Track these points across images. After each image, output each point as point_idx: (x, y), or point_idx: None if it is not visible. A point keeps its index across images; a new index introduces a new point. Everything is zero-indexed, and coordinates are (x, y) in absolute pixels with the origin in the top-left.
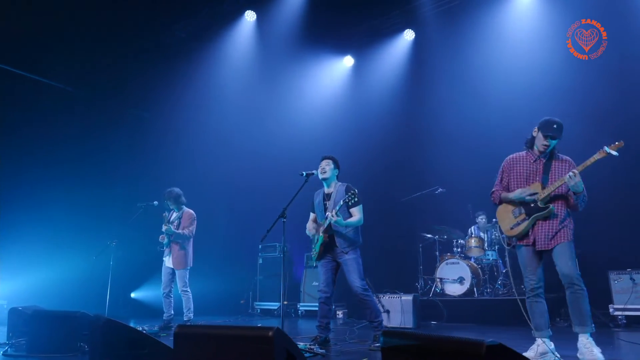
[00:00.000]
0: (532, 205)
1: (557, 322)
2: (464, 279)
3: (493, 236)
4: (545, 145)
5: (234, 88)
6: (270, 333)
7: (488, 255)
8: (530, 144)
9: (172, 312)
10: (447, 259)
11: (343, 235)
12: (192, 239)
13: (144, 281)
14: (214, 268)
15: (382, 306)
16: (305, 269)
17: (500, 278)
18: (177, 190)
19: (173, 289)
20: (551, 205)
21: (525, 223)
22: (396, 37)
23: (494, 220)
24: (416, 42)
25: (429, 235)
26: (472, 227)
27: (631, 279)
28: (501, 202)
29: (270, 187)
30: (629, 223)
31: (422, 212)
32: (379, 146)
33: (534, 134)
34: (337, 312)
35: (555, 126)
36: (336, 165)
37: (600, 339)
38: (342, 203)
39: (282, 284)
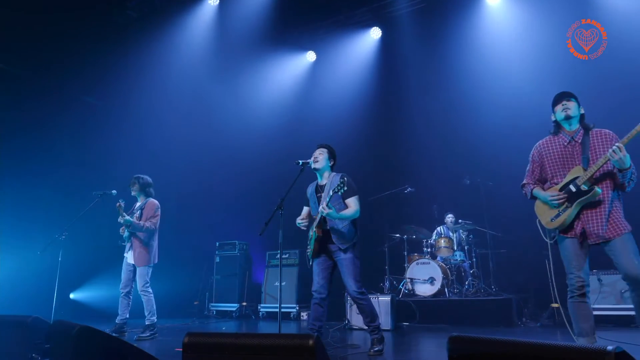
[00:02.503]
0: (575, 190)
1: (524, 322)
2: (435, 280)
3: (461, 236)
4: (567, 108)
5: (191, 76)
6: (311, 342)
7: (456, 255)
8: (556, 128)
9: (128, 316)
10: (417, 259)
11: (338, 230)
12: (156, 233)
13: (88, 279)
14: (165, 267)
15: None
16: (267, 269)
17: (469, 278)
18: (147, 178)
19: (133, 289)
20: (596, 187)
21: (568, 211)
22: (362, 34)
23: (460, 221)
24: (383, 41)
25: (396, 235)
26: (440, 227)
27: (598, 279)
28: (532, 197)
29: (229, 182)
30: None
31: (390, 211)
32: (344, 143)
33: (553, 117)
34: (302, 314)
35: (563, 92)
36: (331, 155)
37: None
38: (331, 193)
39: (281, 285)
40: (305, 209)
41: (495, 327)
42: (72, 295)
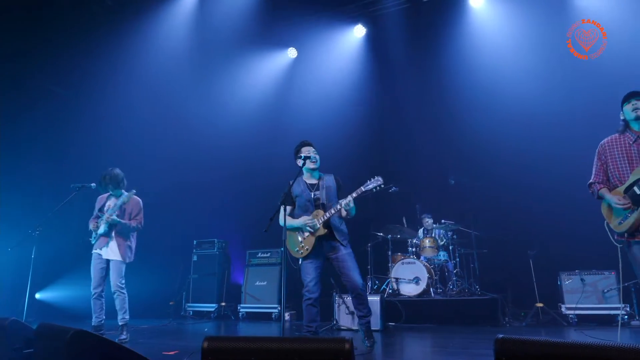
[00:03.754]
0: (639, 192)
1: (508, 321)
2: (420, 279)
3: (442, 236)
4: (637, 108)
5: (169, 71)
6: (347, 346)
7: (440, 255)
8: (623, 127)
9: (104, 317)
10: (402, 259)
11: (339, 228)
12: (137, 230)
13: (55, 278)
14: (138, 265)
15: (347, 307)
16: (247, 268)
17: (454, 278)
18: (120, 171)
19: (106, 288)
20: None
21: (635, 215)
22: (346, 32)
23: (443, 221)
24: (368, 39)
25: (380, 234)
26: (423, 228)
27: (581, 279)
28: (599, 197)
29: (208, 179)
30: (580, 226)
31: (373, 210)
32: (326, 141)
33: (621, 115)
34: (284, 315)
35: (634, 90)
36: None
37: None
38: (364, 189)
39: (282, 284)
40: (289, 209)
41: (482, 327)
42: (37, 295)
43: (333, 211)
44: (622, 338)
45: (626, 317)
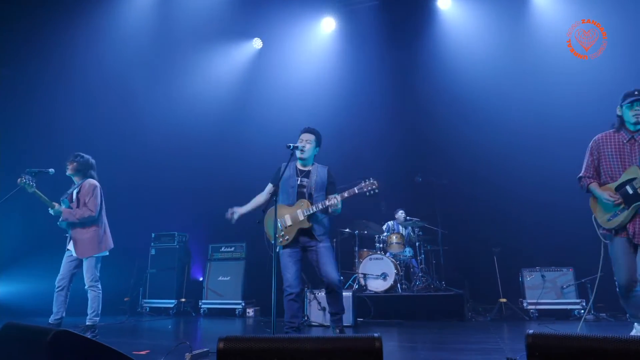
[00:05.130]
0: (632, 192)
1: (472, 316)
2: (387, 275)
3: (411, 233)
4: (637, 113)
5: (126, 60)
6: (378, 344)
7: (406, 252)
8: (619, 124)
9: (64, 314)
10: (371, 254)
11: (321, 221)
12: (102, 218)
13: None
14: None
15: (319, 303)
16: (209, 262)
17: (421, 274)
18: (90, 158)
19: (72, 283)
20: None
21: (625, 213)
22: (314, 24)
23: (408, 218)
24: (338, 33)
25: (346, 230)
26: (390, 222)
27: (542, 276)
28: (588, 191)
29: (166, 170)
30: (541, 224)
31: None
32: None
33: (618, 111)
34: (248, 310)
35: (637, 91)
36: (318, 142)
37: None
38: (357, 191)
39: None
40: (270, 187)
41: (449, 321)
42: None
43: (320, 206)
44: (580, 330)
45: (582, 311)
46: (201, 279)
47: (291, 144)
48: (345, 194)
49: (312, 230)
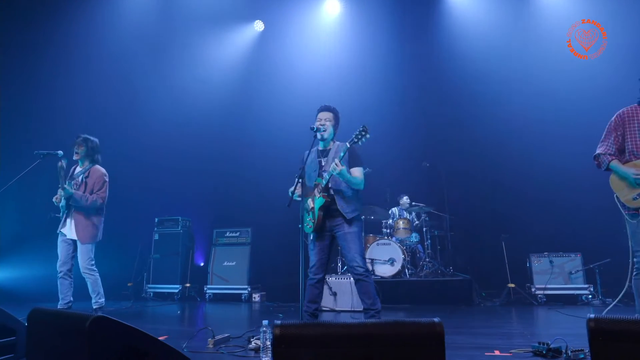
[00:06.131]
0: None
1: (479, 301)
2: (395, 260)
3: (414, 218)
4: None
5: (128, 44)
6: (439, 328)
7: (412, 237)
8: None
9: (72, 298)
10: (378, 240)
11: (345, 196)
12: (104, 207)
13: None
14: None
15: (330, 288)
16: (214, 247)
17: (428, 259)
18: (97, 141)
19: (74, 267)
20: None
21: None
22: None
23: (414, 203)
24: (343, 15)
25: None
26: (395, 208)
27: (550, 261)
28: (608, 169)
29: (169, 154)
30: (549, 210)
31: None
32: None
33: None
34: (254, 295)
35: None
36: (337, 121)
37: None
38: (342, 154)
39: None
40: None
41: (457, 307)
42: None
43: (327, 176)
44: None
45: (590, 296)
46: (202, 264)
47: (314, 126)
48: (341, 153)
49: (337, 207)
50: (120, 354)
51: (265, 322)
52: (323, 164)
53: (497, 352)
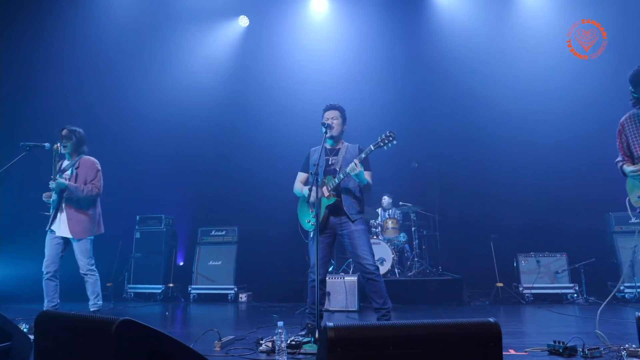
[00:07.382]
0: None
1: (469, 300)
2: (385, 260)
3: (398, 218)
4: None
5: (112, 36)
6: (497, 328)
7: (401, 237)
8: (636, 102)
9: (59, 300)
10: None
11: (354, 197)
12: (99, 199)
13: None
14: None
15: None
16: (199, 246)
17: (416, 259)
18: (82, 131)
19: (60, 268)
20: None
21: None
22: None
23: (400, 203)
24: (331, 11)
25: None
26: (378, 210)
27: (537, 261)
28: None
29: (151, 150)
30: (536, 211)
31: None
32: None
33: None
34: (240, 295)
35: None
36: (344, 119)
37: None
38: (372, 148)
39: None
40: (301, 175)
41: (448, 306)
42: None
43: (342, 176)
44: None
45: (575, 295)
46: (181, 263)
47: (325, 122)
48: (362, 155)
49: (342, 206)
50: (146, 358)
51: (280, 323)
52: (331, 162)
53: (512, 351)
